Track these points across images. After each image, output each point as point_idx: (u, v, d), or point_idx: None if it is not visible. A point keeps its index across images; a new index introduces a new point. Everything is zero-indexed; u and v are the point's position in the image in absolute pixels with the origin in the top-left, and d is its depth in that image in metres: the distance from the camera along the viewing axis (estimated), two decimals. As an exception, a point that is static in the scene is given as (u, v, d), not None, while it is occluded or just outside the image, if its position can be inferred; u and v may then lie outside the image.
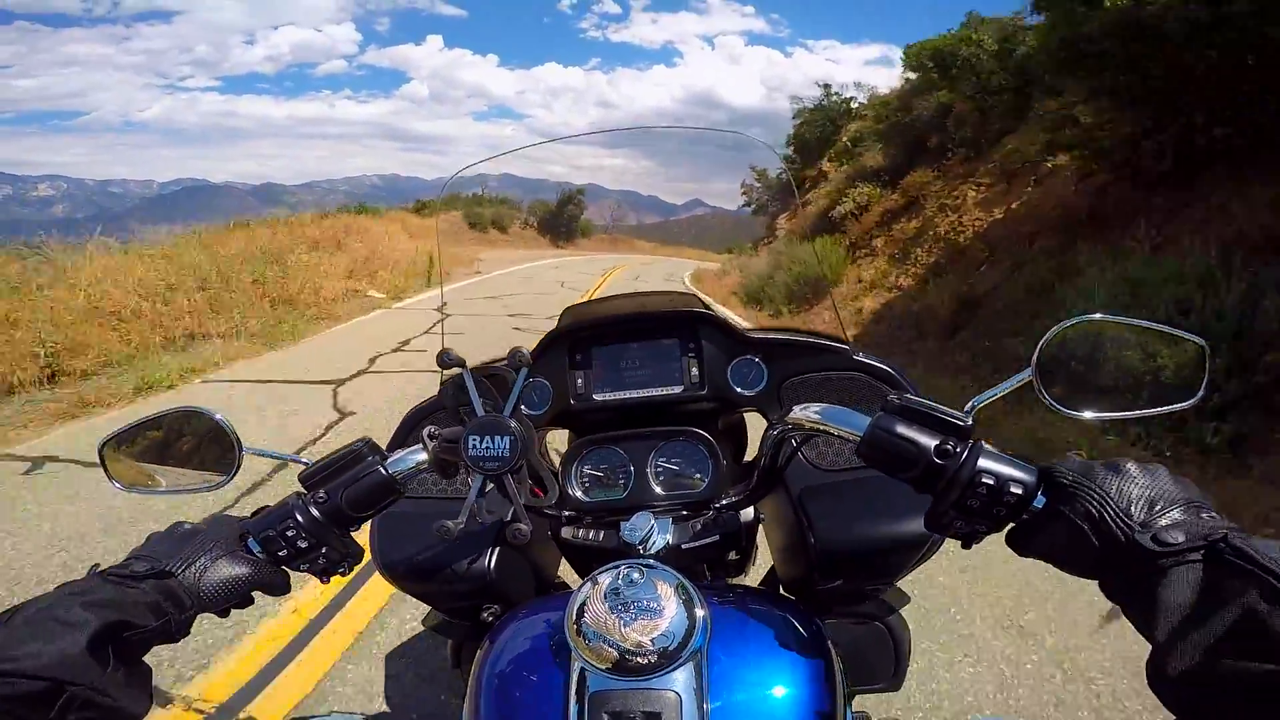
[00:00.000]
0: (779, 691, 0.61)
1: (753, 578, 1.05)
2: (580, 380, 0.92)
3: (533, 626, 0.71)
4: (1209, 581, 0.39)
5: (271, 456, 0.71)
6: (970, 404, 0.58)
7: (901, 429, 0.55)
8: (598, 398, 0.91)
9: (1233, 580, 0.38)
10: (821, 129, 16.75)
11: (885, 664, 0.87)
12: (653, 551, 0.72)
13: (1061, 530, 0.48)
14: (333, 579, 0.64)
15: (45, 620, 0.45)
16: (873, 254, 10.07)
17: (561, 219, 35.61)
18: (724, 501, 0.82)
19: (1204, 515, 0.43)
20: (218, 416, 0.70)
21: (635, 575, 0.58)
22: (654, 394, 0.90)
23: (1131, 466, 0.48)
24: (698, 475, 0.84)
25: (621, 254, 32.18)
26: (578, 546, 0.83)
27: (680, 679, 0.55)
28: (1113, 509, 0.45)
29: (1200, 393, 0.62)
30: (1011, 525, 0.52)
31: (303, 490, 0.63)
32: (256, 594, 0.60)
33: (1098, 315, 0.61)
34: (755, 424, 0.95)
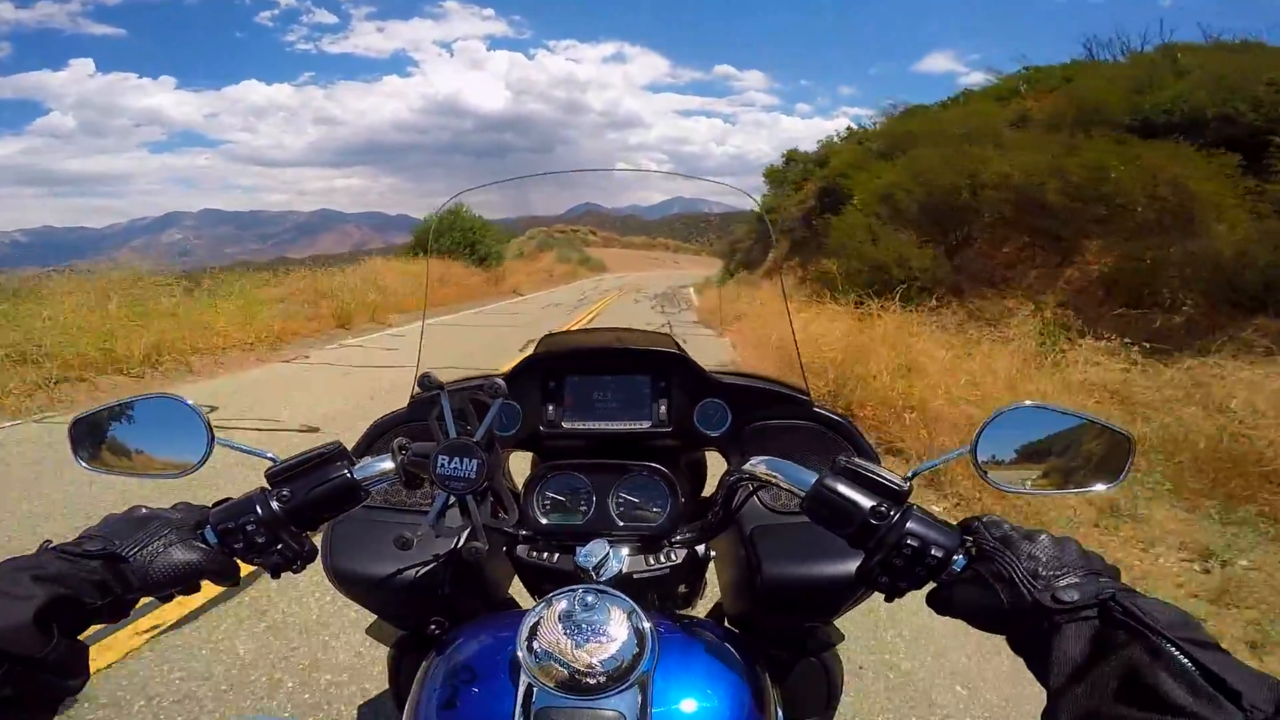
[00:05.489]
0: (718, 717, 0.63)
1: (699, 611, 1.07)
2: (551, 408, 0.94)
3: (483, 641, 0.72)
4: (1099, 637, 0.44)
5: (243, 450, 0.71)
6: (911, 471, 0.63)
7: (843, 489, 0.60)
8: (566, 425, 0.94)
9: (1119, 636, 0.42)
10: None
11: (819, 698, 0.89)
12: (605, 578, 0.73)
13: (976, 589, 0.53)
14: (282, 575, 0.65)
15: None
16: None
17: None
18: (679, 537, 0.85)
19: (1102, 580, 0.48)
20: (191, 404, 0.71)
21: (590, 599, 0.59)
22: (622, 427, 0.93)
23: (1045, 537, 0.53)
24: (656, 509, 0.87)
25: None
26: (532, 566, 0.85)
27: (625, 700, 0.57)
28: (1022, 571, 0.50)
29: (1121, 478, 0.68)
30: (932, 585, 0.56)
31: (267, 486, 0.64)
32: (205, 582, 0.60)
33: (1033, 404, 0.66)
34: (715, 460, 0.99)
